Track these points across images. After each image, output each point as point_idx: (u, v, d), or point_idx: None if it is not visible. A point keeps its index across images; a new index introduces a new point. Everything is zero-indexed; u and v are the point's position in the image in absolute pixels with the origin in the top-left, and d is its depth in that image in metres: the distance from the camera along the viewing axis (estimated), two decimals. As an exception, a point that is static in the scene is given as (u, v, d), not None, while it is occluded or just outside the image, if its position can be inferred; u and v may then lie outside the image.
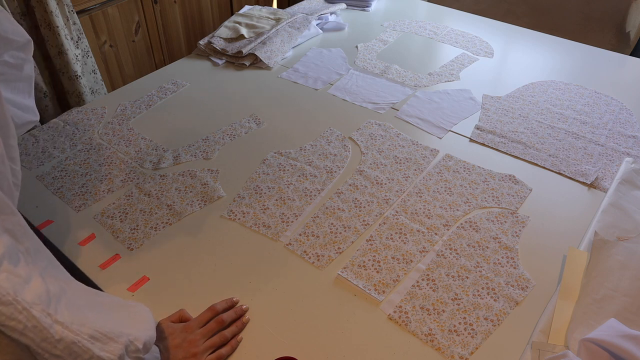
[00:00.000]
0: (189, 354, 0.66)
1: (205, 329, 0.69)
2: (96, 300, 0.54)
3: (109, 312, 0.53)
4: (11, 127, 0.55)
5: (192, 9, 1.98)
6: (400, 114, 1.20)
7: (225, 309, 0.73)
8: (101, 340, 0.48)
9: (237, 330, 0.71)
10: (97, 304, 0.53)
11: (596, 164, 1.04)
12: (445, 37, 1.59)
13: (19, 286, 0.43)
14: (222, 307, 0.73)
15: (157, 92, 1.27)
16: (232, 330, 0.71)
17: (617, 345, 0.63)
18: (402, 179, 0.99)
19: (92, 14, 1.58)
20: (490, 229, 0.88)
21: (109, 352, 0.49)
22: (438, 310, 0.74)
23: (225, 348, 0.69)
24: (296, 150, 1.07)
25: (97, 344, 0.48)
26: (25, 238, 0.48)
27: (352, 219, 0.90)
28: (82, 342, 0.47)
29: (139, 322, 0.56)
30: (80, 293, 0.52)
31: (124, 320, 0.54)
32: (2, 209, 0.46)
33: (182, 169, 1.01)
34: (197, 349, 0.67)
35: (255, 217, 0.90)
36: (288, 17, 1.55)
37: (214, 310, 0.72)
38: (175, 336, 0.68)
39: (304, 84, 1.32)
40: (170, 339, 0.68)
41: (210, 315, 0.71)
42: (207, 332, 0.69)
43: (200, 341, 0.68)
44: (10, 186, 0.51)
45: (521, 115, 1.20)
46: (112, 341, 0.49)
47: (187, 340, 0.68)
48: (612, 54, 1.50)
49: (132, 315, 0.57)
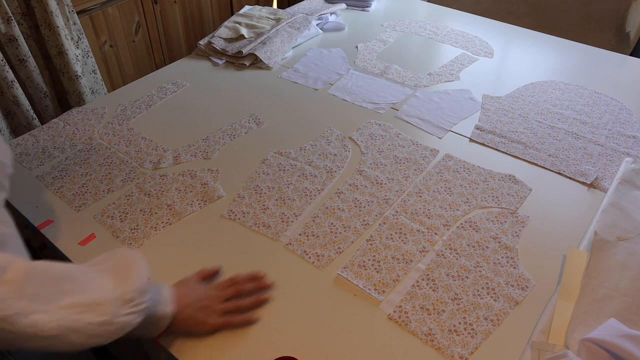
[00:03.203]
0: (200, 311, 0.67)
1: (221, 292, 0.70)
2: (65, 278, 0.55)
3: (85, 282, 0.56)
4: None
5: (192, 9, 1.98)
6: (400, 114, 1.20)
7: (247, 280, 0.74)
8: (89, 309, 0.52)
9: (253, 304, 0.71)
10: (66, 281, 0.55)
11: (596, 164, 1.04)
12: (445, 37, 1.59)
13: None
14: (245, 278, 0.74)
15: (157, 92, 1.27)
16: (248, 302, 0.71)
17: (617, 345, 0.63)
18: (402, 179, 0.99)
19: (92, 14, 1.58)
20: (490, 229, 0.88)
21: (101, 315, 0.53)
22: (438, 310, 0.74)
23: (237, 317, 0.69)
24: (296, 150, 1.07)
25: (86, 315, 0.52)
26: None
27: (352, 218, 0.90)
28: (71, 318, 0.51)
29: (123, 275, 0.58)
30: (47, 276, 0.54)
31: (104, 281, 0.57)
32: None
33: (182, 169, 1.01)
34: (210, 307, 0.68)
35: (255, 217, 0.90)
36: (288, 17, 1.55)
37: (235, 280, 0.73)
38: (192, 288, 0.69)
39: (304, 84, 1.32)
40: (187, 289, 0.69)
41: (230, 283, 0.72)
42: (223, 296, 0.70)
43: (214, 302, 0.69)
44: None
45: (521, 115, 1.20)
46: (99, 305, 0.53)
47: (203, 296, 0.68)
48: (612, 54, 1.51)
49: (121, 269, 0.59)
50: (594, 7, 2.05)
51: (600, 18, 2.06)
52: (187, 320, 0.67)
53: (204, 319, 0.68)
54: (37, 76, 1.39)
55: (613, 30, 2.07)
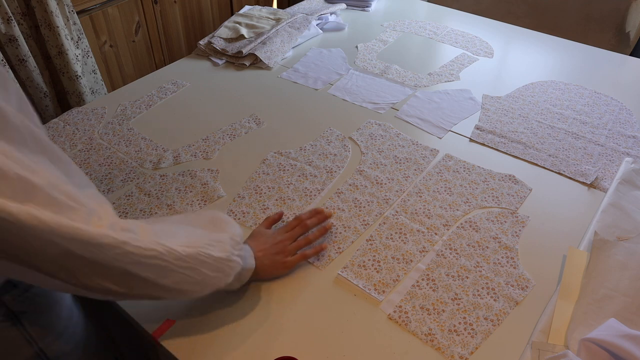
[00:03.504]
0: (276, 255, 0.75)
1: (290, 233, 0.78)
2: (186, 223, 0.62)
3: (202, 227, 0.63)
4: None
5: (192, 9, 1.98)
6: (400, 114, 1.20)
7: (310, 217, 0.82)
8: (213, 245, 0.59)
9: (319, 234, 0.81)
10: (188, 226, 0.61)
11: (596, 164, 1.04)
12: (445, 37, 1.59)
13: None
14: (307, 215, 0.82)
15: (157, 92, 1.27)
16: (315, 235, 0.80)
17: (617, 345, 0.63)
18: (402, 179, 0.99)
19: (92, 14, 1.59)
20: (490, 229, 0.88)
21: (223, 251, 0.60)
22: (438, 310, 0.74)
23: (309, 250, 0.78)
24: (296, 150, 1.07)
25: (212, 248, 0.58)
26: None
27: (352, 218, 0.90)
28: (203, 251, 0.57)
29: (225, 223, 0.65)
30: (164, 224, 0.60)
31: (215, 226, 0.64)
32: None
33: (182, 169, 1.01)
34: (284, 249, 0.76)
35: (255, 216, 0.90)
36: (288, 17, 1.55)
37: (299, 218, 0.81)
38: (264, 238, 0.77)
39: (304, 84, 1.32)
40: (259, 240, 0.76)
41: (296, 223, 0.80)
42: (293, 236, 0.78)
43: (286, 242, 0.77)
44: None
45: (521, 115, 1.20)
46: (220, 243, 0.60)
47: (275, 241, 0.76)
48: (612, 54, 1.51)
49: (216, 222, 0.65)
50: (594, 7, 2.06)
51: (600, 18, 2.06)
52: (267, 267, 0.74)
53: (281, 260, 0.76)
54: (37, 76, 1.39)
55: (613, 30, 2.07)
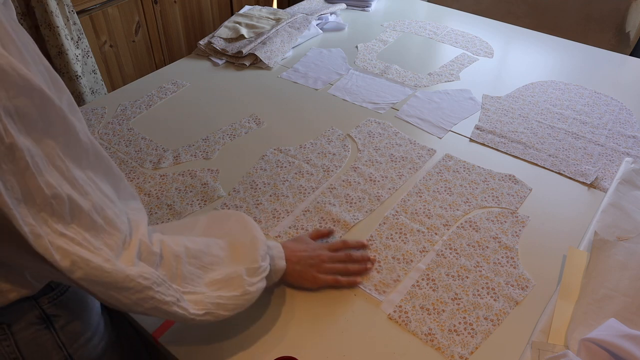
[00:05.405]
0: (311, 267, 0.74)
1: (333, 254, 0.76)
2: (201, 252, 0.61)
3: (217, 253, 0.62)
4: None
5: (192, 9, 1.98)
6: (400, 114, 1.20)
7: (356, 247, 0.81)
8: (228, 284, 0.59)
9: (361, 269, 0.77)
10: (203, 254, 0.61)
11: (596, 164, 1.04)
12: (445, 37, 1.59)
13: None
14: (354, 244, 0.81)
15: (157, 92, 1.27)
16: (355, 269, 0.77)
17: (617, 345, 0.63)
18: (396, 177, 0.99)
19: (92, 14, 1.59)
20: (490, 229, 0.88)
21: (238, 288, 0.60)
22: (438, 310, 0.74)
23: (344, 278, 0.75)
24: (295, 148, 1.07)
25: (225, 290, 0.59)
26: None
27: (342, 213, 0.90)
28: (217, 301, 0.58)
29: (252, 229, 0.66)
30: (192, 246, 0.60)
31: (230, 250, 0.63)
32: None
33: (182, 168, 1.01)
34: (320, 265, 0.74)
35: (247, 211, 0.91)
36: (288, 17, 1.55)
37: (346, 243, 0.80)
38: (305, 246, 0.76)
39: (304, 84, 1.32)
40: (299, 246, 0.75)
41: (341, 246, 0.78)
42: (333, 258, 0.76)
43: (325, 258, 0.75)
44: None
45: (521, 115, 1.20)
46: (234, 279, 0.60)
47: (315, 254, 0.75)
48: (612, 54, 1.51)
49: (247, 230, 0.66)
50: (594, 7, 2.06)
51: (600, 18, 2.06)
52: (297, 274, 0.73)
53: (314, 274, 0.74)
54: (37, 76, 1.39)
55: (613, 30, 2.07)
